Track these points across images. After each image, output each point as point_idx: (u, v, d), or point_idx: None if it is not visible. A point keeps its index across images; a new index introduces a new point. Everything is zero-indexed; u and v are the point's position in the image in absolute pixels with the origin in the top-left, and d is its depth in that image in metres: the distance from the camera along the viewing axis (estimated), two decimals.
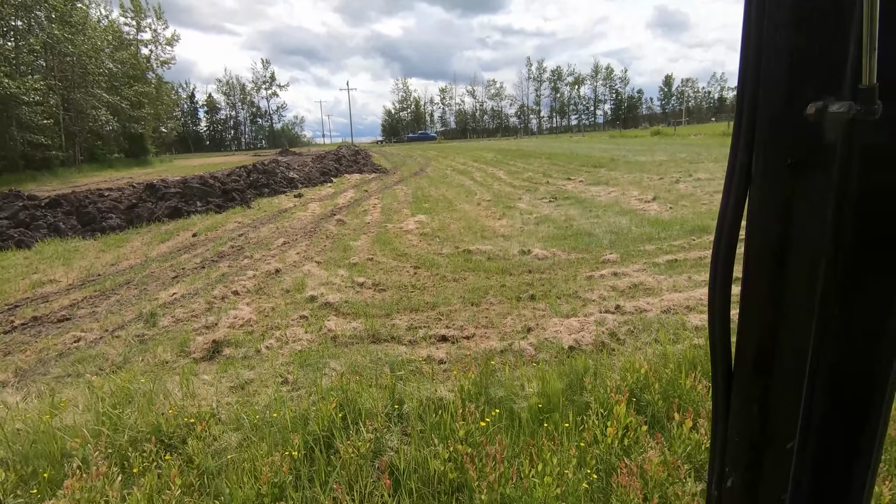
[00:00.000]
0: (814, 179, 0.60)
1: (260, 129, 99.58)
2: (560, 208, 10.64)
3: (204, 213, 12.54)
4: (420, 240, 8.56)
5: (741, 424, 0.73)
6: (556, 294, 5.37)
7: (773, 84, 0.62)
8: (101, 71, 32.20)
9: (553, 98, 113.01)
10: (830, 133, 0.57)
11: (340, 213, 11.60)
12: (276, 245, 8.57)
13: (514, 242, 7.85)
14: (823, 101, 0.57)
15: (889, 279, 0.58)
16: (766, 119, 0.63)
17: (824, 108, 0.56)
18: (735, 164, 0.67)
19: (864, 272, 0.58)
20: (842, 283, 0.59)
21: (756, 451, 0.72)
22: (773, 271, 0.65)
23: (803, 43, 0.59)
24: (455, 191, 14.74)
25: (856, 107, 0.53)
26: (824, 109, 0.56)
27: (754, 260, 0.67)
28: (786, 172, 0.62)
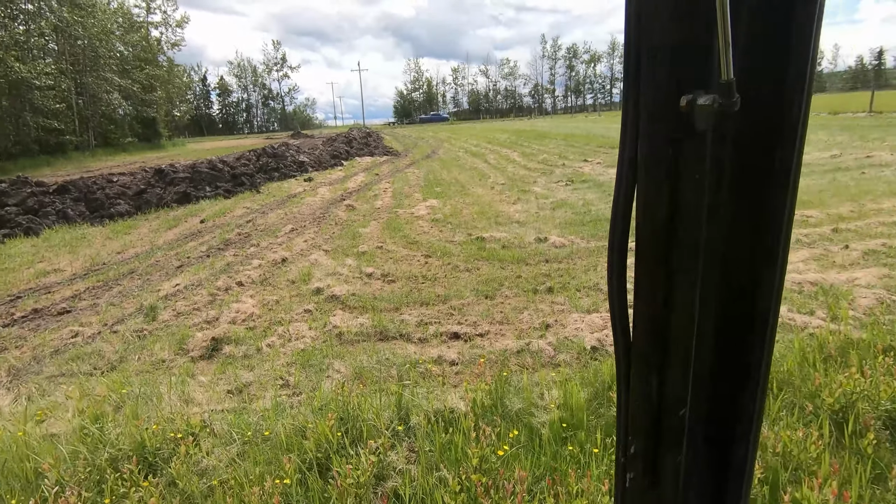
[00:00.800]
0: (691, 165, 0.65)
1: (272, 111, 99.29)
2: (577, 192, 10.20)
3: (213, 199, 12.36)
4: (431, 226, 8.25)
5: (641, 394, 0.77)
6: (575, 286, 5.04)
7: (653, 77, 0.66)
8: (111, 54, 32.02)
9: (568, 77, 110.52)
10: (701, 123, 0.63)
11: (350, 198, 11.31)
12: (283, 232, 8.33)
13: (530, 229, 7.49)
14: (693, 94, 0.62)
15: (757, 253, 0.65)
16: (648, 110, 0.67)
17: (694, 100, 0.62)
18: (624, 153, 0.72)
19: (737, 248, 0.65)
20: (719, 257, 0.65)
21: (654, 418, 0.77)
22: (661, 249, 0.70)
23: (676, 39, 0.64)
24: (468, 174, 14.34)
25: (719, 99, 0.58)
26: (694, 102, 0.61)
27: (644, 241, 0.71)
28: (667, 160, 0.67)
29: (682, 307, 0.70)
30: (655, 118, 0.67)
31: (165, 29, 42.99)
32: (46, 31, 27.42)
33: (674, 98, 0.64)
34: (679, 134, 0.65)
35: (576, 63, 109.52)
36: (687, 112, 0.63)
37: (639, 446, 0.80)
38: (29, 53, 26.18)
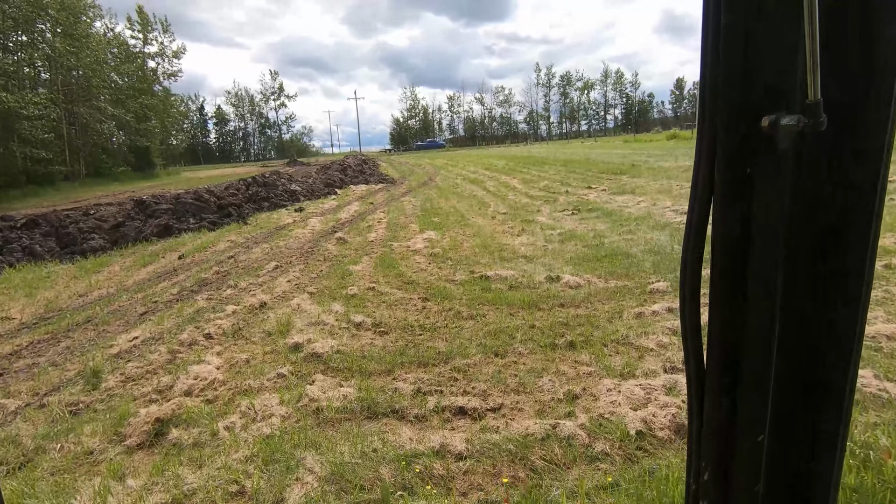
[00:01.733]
0: (770, 186, 0.64)
1: (269, 139, 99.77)
2: (585, 222, 9.51)
3: (196, 231, 11.62)
4: (429, 262, 7.49)
5: (714, 419, 0.74)
6: (600, 339, 4.26)
7: (732, 98, 0.65)
8: (105, 84, 31.78)
9: (562, 103, 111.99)
10: (783, 143, 0.62)
11: (342, 230, 10.58)
12: (266, 270, 7.55)
13: (539, 265, 6.74)
14: (776, 114, 0.62)
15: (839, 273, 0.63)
16: (726, 131, 0.66)
17: (776, 121, 0.61)
18: (699, 175, 0.71)
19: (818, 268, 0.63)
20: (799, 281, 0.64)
21: (729, 444, 0.74)
22: (737, 272, 0.68)
23: (757, 62, 0.63)
24: (467, 202, 13.68)
25: (804, 119, 0.58)
26: (777, 122, 0.61)
27: (719, 263, 0.69)
28: (745, 180, 0.66)
29: (758, 330, 0.68)
30: (733, 138, 0.67)
31: (162, 60, 43.12)
32: (38, 62, 27.14)
33: (752, 118, 0.64)
34: (758, 154, 0.65)
35: (569, 90, 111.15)
36: (768, 133, 0.62)
37: (712, 473, 0.76)
38: (19, 83, 25.80)
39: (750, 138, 0.64)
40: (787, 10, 0.60)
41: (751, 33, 0.63)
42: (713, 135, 0.68)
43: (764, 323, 0.67)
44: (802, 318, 0.64)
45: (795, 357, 0.65)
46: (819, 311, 0.63)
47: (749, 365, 0.70)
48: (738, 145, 0.66)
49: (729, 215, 0.68)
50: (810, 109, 0.57)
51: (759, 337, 0.68)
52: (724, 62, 0.65)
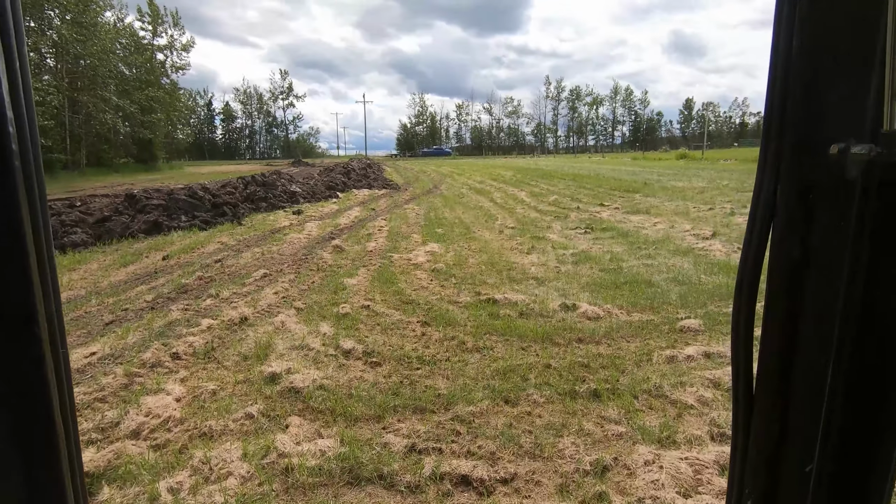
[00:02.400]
0: (835, 212, 0.63)
1: (275, 138, 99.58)
2: (600, 242, 8.89)
3: (187, 230, 11.02)
4: (431, 279, 6.86)
5: (761, 446, 0.73)
6: (629, 389, 3.62)
7: (798, 123, 0.65)
8: (111, 74, 31.37)
9: (571, 118, 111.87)
10: (852, 171, 0.59)
11: (340, 237, 9.97)
12: (253, 279, 6.93)
13: (552, 290, 6.12)
14: (846, 142, 0.60)
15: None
16: (791, 154, 0.66)
17: (846, 149, 0.59)
18: (760, 195, 0.70)
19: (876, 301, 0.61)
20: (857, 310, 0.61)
21: (775, 472, 0.72)
22: (794, 296, 0.67)
23: (829, 88, 0.62)
24: (473, 213, 13.08)
25: (876, 149, 0.57)
26: (846, 150, 0.59)
27: (776, 285, 0.69)
28: (809, 204, 0.65)
29: (814, 356, 0.67)
30: (800, 162, 0.66)
31: (171, 52, 42.79)
32: (43, 48, 26.71)
33: (821, 144, 0.62)
34: (824, 181, 0.63)
35: (578, 105, 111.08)
36: (836, 160, 0.61)
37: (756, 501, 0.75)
38: None
39: (816, 164, 0.64)
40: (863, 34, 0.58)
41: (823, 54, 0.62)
42: (778, 156, 0.68)
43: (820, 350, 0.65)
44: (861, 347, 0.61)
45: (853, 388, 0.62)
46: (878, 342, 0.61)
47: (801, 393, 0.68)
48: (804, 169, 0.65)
49: (789, 239, 0.68)
50: (884, 139, 0.56)
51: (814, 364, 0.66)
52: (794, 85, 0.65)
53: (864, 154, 0.58)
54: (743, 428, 0.76)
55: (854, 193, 0.60)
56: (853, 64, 0.60)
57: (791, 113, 0.65)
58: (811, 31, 0.63)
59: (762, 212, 0.70)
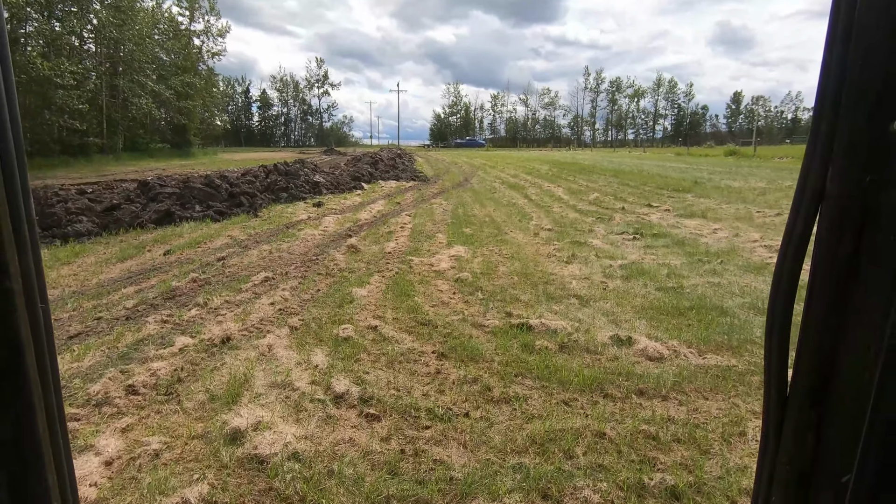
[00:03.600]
0: (892, 198, 0.58)
1: (310, 126, 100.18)
2: (652, 252, 7.68)
3: (200, 221, 10.37)
4: (454, 291, 5.86)
5: (793, 453, 0.70)
6: (722, 489, 2.54)
7: (855, 100, 0.60)
8: (147, 59, 31.47)
9: (610, 110, 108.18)
10: None
11: (358, 235, 9.07)
12: (252, 283, 6.09)
13: (599, 314, 5.03)
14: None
15: None
16: (846, 135, 0.61)
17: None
18: (807, 180, 0.65)
19: None
20: None
21: (807, 482, 0.69)
22: (839, 294, 0.63)
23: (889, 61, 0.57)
24: (505, 211, 11.98)
25: None
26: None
27: (820, 282, 0.64)
28: (863, 190, 0.60)
29: (857, 363, 0.62)
30: (854, 144, 0.61)
31: (207, 38, 42.91)
32: (78, 30, 26.84)
33: (883, 123, 0.58)
34: (883, 162, 0.59)
35: (618, 97, 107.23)
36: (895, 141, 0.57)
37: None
38: (58, 52, 25.50)
39: (875, 143, 0.58)
40: None
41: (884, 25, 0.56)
42: (831, 138, 0.62)
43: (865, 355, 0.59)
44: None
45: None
46: None
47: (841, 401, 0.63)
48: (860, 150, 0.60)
49: (839, 228, 0.62)
50: None
51: (858, 371, 0.61)
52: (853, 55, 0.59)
53: None
54: (774, 435, 0.72)
55: None
56: None
57: (848, 91, 0.60)
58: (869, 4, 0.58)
59: (808, 199, 0.65)
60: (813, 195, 0.65)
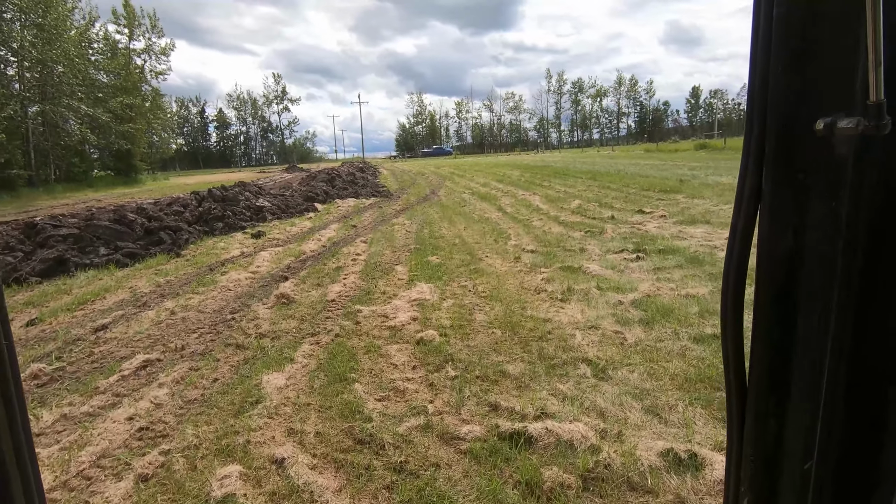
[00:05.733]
0: (825, 195, 0.59)
1: (271, 144, 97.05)
2: (667, 276, 6.09)
3: (101, 268, 8.33)
4: (414, 364, 4.11)
5: (756, 442, 0.70)
6: None
7: (783, 101, 0.61)
8: (78, 80, 28.76)
9: (574, 111, 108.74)
10: (841, 148, 0.56)
11: (296, 276, 7.22)
12: (120, 374, 4.20)
13: (627, 396, 3.35)
14: (833, 117, 0.56)
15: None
16: (776, 136, 0.62)
17: (833, 123, 0.56)
18: (745, 181, 0.66)
19: (876, 288, 0.57)
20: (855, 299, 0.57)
21: (772, 469, 0.70)
22: (785, 288, 0.64)
23: (812, 60, 0.58)
24: (477, 229, 10.30)
25: (864, 122, 0.52)
26: (833, 125, 0.56)
27: (766, 277, 0.65)
28: (796, 188, 0.61)
29: (808, 351, 0.64)
30: (784, 144, 0.62)
31: (149, 57, 40.13)
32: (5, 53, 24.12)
33: (808, 122, 0.58)
34: (812, 161, 0.59)
35: (581, 97, 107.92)
36: (824, 137, 0.57)
37: (752, 500, 0.72)
38: None
39: (804, 142, 0.59)
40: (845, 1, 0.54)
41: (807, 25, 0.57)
42: (762, 138, 0.63)
43: (815, 343, 0.61)
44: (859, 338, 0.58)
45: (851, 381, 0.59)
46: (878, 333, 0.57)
47: (798, 387, 0.64)
48: (789, 150, 0.61)
49: (778, 225, 0.64)
50: (872, 111, 0.51)
51: (810, 356, 0.62)
52: (776, 57, 0.60)
53: (852, 128, 0.53)
54: (737, 425, 0.73)
55: (845, 173, 0.57)
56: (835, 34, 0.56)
57: (773, 91, 0.62)
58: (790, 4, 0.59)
59: (748, 198, 0.67)
60: (751, 194, 0.66)
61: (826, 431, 0.61)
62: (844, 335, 0.59)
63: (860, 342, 0.59)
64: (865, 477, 0.62)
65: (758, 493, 0.71)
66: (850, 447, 0.61)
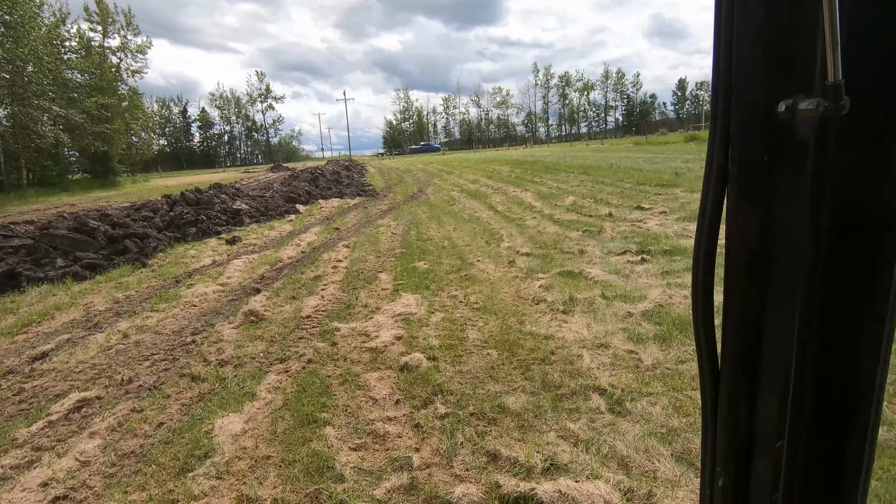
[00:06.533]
0: (790, 176, 0.60)
1: (256, 143, 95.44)
2: (677, 281, 5.53)
3: (57, 282, 7.59)
4: (397, 398, 3.51)
5: (730, 424, 0.72)
6: None
7: (746, 83, 0.62)
8: (49, 80, 27.57)
9: (561, 105, 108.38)
10: (803, 129, 0.57)
11: (270, 287, 6.56)
12: (46, 420, 3.53)
13: (653, 439, 2.77)
14: (793, 98, 0.57)
15: (866, 274, 0.57)
16: (740, 118, 0.63)
17: (794, 105, 0.56)
18: (712, 165, 0.67)
19: (842, 268, 0.58)
20: (822, 280, 0.58)
21: (745, 450, 0.71)
22: (754, 270, 0.65)
23: (773, 42, 0.59)
24: (467, 230, 9.69)
25: (824, 103, 0.53)
26: (794, 107, 0.56)
27: (734, 260, 0.66)
28: (762, 170, 0.62)
29: (777, 332, 0.65)
30: (749, 126, 0.62)
31: (125, 55, 38.78)
32: None
33: (769, 102, 0.59)
34: (776, 143, 0.60)
35: (569, 91, 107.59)
36: (786, 118, 0.58)
37: (728, 479, 0.73)
38: None
39: (767, 124, 0.60)
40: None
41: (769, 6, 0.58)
42: (727, 120, 0.64)
43: (784, 324, 0.62)
44: (825, 319, 0.59)
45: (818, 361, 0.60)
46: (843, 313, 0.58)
47: (767, 368, 0.66)
48: (754, 132, 0.62)
49: (744, 207, 0.64)
50: (831, 92, 0.51)
51: (778, 339, 0.64)
52: (738, 38, 0.61)
53: (813, 109, 0.54)
54: (711, 407, 0.74)
55: (808, 154, 0.57)
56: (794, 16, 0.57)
57: (737, 75, 0.62)
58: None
59: (714, 183, 0.67)
60: (718, 176, 0.67)
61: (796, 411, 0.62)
62: (812, 314, 0.59)
63: (829, 321, 0.59)
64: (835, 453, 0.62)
65: (733, 473, 0.72)
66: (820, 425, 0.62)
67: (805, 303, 0.59)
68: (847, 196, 0.56)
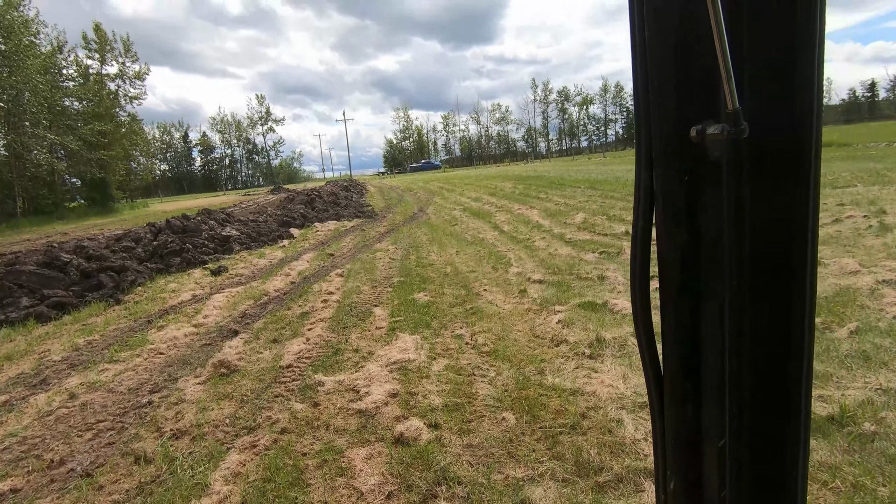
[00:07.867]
0: (709, 194, 0.63)
1: (257, 166, 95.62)
2: None
3: (18, 325, 6.83)
4: (389, 484, 2.71)
5: (676, 426, 0.73)
6: None
7: (663, 109, 0.65)
8: (43, 108, 27.27)
9: (561, 120, 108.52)
10: (714, 151, 0.61)
11: (250, 329, 5.78)
12: None
13: None
14: (703, 124, 0.61)
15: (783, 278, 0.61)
16: (661, 141, 0.65)
17: (703, 130, 0.60)
18: (640, 184, 0.70)
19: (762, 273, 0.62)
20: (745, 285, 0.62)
21: (693, 450, 0.72)
22: (685, 280, 0.67)
23: (683, 71, 0.63)
24: (472, 253, 8.91)
25: (727, 128, 0.57)
26: (704, 132, 0.60)
27: (667, 271, 0.68)
28: (683, 189, 0.65)
29: (711, 335, 0.67)
30: (668, 150, 0.66)
31: (123, 82, 38.71)
32: None
33: (685, 129, 0.63)
34: (693, 164, 0.64)
35: (568, 106, 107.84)
36: (698, 142, 0.61)
37: (679, 481, 0.75)
38: None
39: (684, 147, 0.63)
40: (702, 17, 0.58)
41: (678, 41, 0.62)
42: (650, 144, 0.67)
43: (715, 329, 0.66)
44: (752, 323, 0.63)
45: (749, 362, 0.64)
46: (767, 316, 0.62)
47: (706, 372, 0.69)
48: (674, 153, 0.65)
49: (670, 223, 0.67)
50: (731, 118, 0.56)
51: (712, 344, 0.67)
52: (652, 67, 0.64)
53: (718, 133, 0.58)
54: (658, 412, 0.75)
55: (721, 174, 0.61)
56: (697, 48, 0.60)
57: (654, 102, 0.65)
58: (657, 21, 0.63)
59: (643, 199, 0.70)
60: (646, 195, 0.69)
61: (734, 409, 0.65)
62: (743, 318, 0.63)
63: (757, 325, 0.62)
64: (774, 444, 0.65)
65: (683, 474, 0.73)
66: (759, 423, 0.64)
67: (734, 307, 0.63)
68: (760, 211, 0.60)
